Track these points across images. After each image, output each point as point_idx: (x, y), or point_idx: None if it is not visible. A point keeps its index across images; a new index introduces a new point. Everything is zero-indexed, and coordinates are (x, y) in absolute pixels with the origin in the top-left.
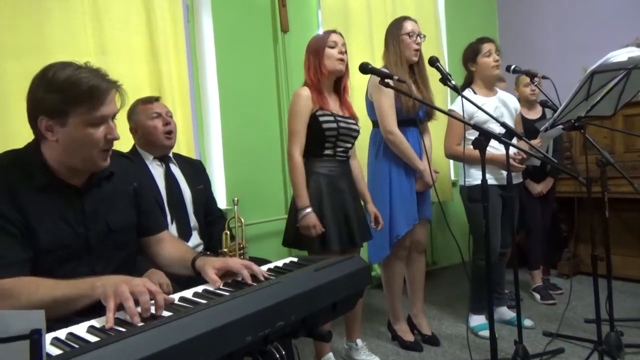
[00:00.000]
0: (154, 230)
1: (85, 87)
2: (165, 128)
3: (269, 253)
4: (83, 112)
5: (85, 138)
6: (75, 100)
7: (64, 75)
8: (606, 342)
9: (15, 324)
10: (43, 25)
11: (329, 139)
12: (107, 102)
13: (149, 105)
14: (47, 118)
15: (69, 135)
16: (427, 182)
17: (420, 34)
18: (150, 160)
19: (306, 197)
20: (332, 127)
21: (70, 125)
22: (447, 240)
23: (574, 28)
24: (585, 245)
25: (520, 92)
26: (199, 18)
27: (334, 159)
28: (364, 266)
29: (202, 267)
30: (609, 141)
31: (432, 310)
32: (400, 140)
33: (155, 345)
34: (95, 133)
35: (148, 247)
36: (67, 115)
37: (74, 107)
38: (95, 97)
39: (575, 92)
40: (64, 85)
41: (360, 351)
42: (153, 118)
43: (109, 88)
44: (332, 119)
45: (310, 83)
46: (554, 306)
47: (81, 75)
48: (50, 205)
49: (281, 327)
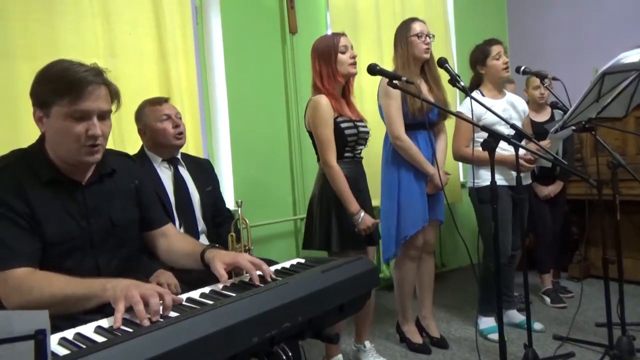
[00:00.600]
0: (157, 223)
1: (69, 80)
2: (175, 130)
3: (277, 254)
4: (64, 105)
5: (65, 131)
6: (58, 91)
7: (57, 68)
8: (617, 347)
9: (19, 324)
10: (54, 27)
11: (349, 143)
12: (91, 98)
13: (158, 107)
14: (38, 109)
15: (52, 126)
16: (437, 185)
17: (429, 34)
18: (158, 163)
19: (356, 202)
20: (353, 132)
21: (52, 116)
22: (456, 242)
23: (585, 28)
24: (596, 248)
25: (530, 93)
26: (208, 20)
27: (353, 160)
28: (371, 268)
29: (212, 260)
30: (620, 143)
31: (441, 313)
32: (408, 146)
33: (162, 345)
34: (75, 127)
35: (153, 241)
36: (50, 106)
37: (57, 99)
38: (78, 90)
39: (586, 93)
40: (53, 77)
41: (368, 353)
42: (162, 120)
43: (94, 83)
44: (352, 124)
45: (324, 90)
46: (564, 310)
47: (70, 69)
48: (56, 200)
49: (288, 329)
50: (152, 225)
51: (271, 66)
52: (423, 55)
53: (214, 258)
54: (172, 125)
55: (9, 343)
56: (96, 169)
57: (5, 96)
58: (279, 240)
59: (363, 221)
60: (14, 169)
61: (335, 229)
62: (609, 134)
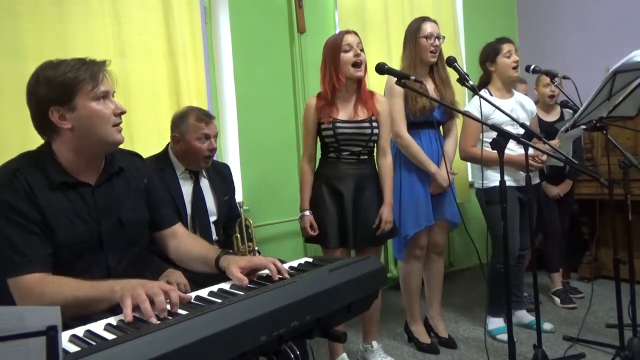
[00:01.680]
0: (167, 224)
1: (81, 69)
2: (208, 153)
3: (285, 253)
4: (87, 91)
5: (97, 114)
6: (76, 81)
7: (56, 69)
8: (629, 348)
9: (31, 320)
10: (64, 28)
11: (330, 145)
12: (104, 81)
13: (201, 125)
14: (57, 107)
15: (80, 117)
16: (440, 184)
17: (439, 35)
18: (181, 172)
19: (305, 202)
20: (329, 134)
21: (79, 107)
22: (464, 242)
23: (596, 27)
24: (607, 249)
25: (540, 92)
26: (217, 20)
27: (339, 161)
28: (379, 267)
29: (227, 266)
30: (632, 142)
31: (450, 313)
32: (408, 144)
33: (171, 343)
34: (104, 108)
35: (163, 241)
36: (73, 97)
37: (78, 88)
38: (93, 74)
39: (597, 92)
40: (61, 74)
41: (375, 353)
42: (201, 139)
43: (100, 67)
44: (329, 126)
45: (323, 93)
46: (574, 310)
47: (72, 63)
48: (66, 203)
49: (296, 327)
50: (161, 225)
51: (279, 66)
52: (430, 59)
53: (230, 264)
54: (207, 147)
55: (22, 339)
56: (104, 168)
57: (16, 97)
58: (288, 239)
59: (301, 220)
60: (24, 174)
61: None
62: (621, 133)
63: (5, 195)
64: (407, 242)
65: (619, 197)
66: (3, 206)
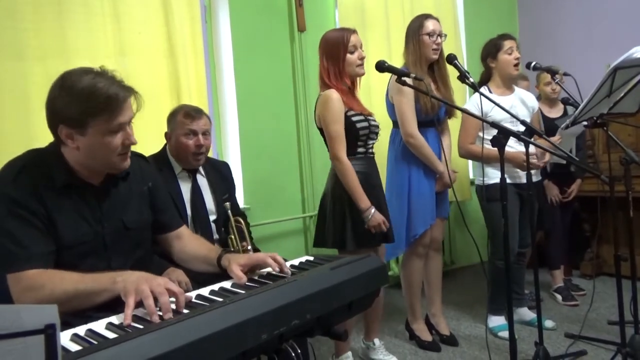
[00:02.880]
0: (172, 226)
1: (103, 98)
2: (196, 150)
3: (286, 252)
4: (101, 122)
5: (105, 146)
6: (94, 111)
7: (81, 84)
8: (630, 345)
9: (29, 318)
10: (64, 27)
11: (361, 137)
12: (124, 110)
13: (187, 121)
14: (66, 127)
15: (88, 143)
16: (446, 183)
17: (441, 33)
18: (178, 171)
19: (366, 198)
20: (365, 126)
21: (89, 134)
22: (465, 240)
23: (597, 24)
24: (608, 246)
25: (541, 89)
26: (217, 18)
27: (366, 156)
28: (380, 265)
29: (228, 264)
30: (633, 139)
31: (451, 311)
32: (421, 144)
33: (172, 342)
34: (114, 140)
35: (168, 244)
36: (86, 125)
37: (92, 118)
38: (113, 106)
39: (598, 89)
40: (82, 97)
41: (377, 351)
42: (187, 135)
43: (126, 97)
44: (363, 118)
45: (332, 86)
46: (576, 307)
47: (99, 85)
48: (70, 203)
49: (296, 326)
50: (166, 228)
51: (280, 64)
52: (431, 56)
53: (231, 262)
54: (194, 143)
55: (20, 337)
56: (110, 173)
57: (17, 96)
58: (288, 238)
59: (373, 218)
60: (30, 171)
61: (349, 227)
62: (622, 130)
63: (10, 190)
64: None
65: (620, 193)
66: (7, 200)
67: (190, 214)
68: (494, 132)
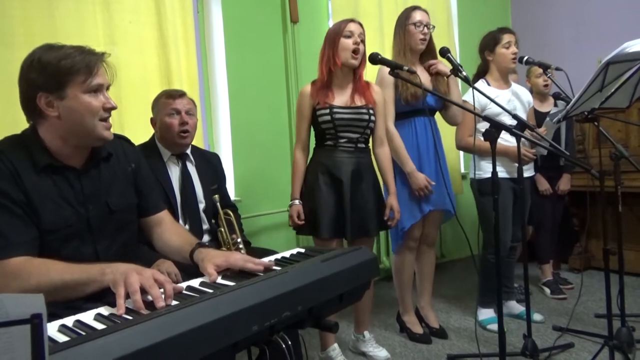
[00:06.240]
0: (152, 210)
1: (78, 58)
2: (181, 127)
3: (278, 244)
4: (80, 82)
5: (85, 107)
6: (70, 71)
7: (53, 54)
8: (617, 337)
9: (14, 308)
10: (54, 15)
11: (327, 131)
12: (99, 73)
13: (169, 101)
14: (45, 94)
15: (69, 107)
16: (417, 184)
17: (428, 24)
18: (167, 158)
19: (296, 191)
20: (327, 119)
21: (69, 96)
22: (456, 234)
23: (589, 19)
24: (597, 240)
25: (533, 83)
26: (209, 8)
27: (337, 148)
28: (371, 258)
29: (201, 261)
30: (623, 135)
31: (441, 304)
32: (391, 137)
33: (162, 333)
34: (94, 101)
35: (148, 229)
36: (64, 86)
37: (70, 78)
38: (89, 66)
39: (590, 83)
40: (56, 61)
41: (367, 343)
42: (170, 114)
43: (99, 59)
44: (327, 112)
45: (319, 76)
46: (564, 301)
47: (69, 51)
48: (52, 187)
49: (287, 318)
50: (147, 211)
51: (272, 56)
52: (418, 46)
53: (204, 260)
54: (178, 121)
55: (5, 327)
56: (92, 154)
57: (5, 84)
58: (280, 230)
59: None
60: (9, 156)
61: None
62: (612, 125)
63: None
64: (402, 234)
65: (609, 188)
66: None
67: (180, 201)
68: (487, 126)
